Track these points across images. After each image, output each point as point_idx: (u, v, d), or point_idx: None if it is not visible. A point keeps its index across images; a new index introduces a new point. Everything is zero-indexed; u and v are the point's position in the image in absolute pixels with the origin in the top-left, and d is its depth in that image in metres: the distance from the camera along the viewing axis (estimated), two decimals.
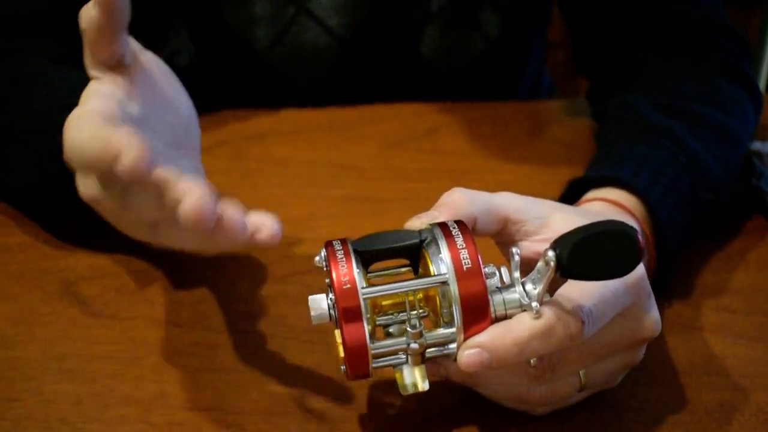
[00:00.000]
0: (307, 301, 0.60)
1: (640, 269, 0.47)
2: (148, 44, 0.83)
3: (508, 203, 0.50)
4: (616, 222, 0.43)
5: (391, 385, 0.53)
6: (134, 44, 0.51)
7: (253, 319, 0.58)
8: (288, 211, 0.71)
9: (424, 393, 0.52)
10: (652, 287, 0.49)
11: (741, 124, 0.69)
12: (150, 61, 0.52)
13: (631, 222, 0.56)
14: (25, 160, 0.62)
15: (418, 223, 0.48)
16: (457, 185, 0.51)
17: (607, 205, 0.57)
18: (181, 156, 0.52)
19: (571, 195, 0.61)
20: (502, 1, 0.87)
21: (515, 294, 0.45)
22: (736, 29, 0.77)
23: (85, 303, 0.60)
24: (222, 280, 0.62)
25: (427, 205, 0.50)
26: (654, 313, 0.49)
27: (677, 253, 0.59)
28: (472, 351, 0.44)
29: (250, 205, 0.70)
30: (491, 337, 0.44)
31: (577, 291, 0.45)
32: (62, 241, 0.66)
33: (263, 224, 0.44)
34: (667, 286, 0.60)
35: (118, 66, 0.49)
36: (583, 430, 0.50)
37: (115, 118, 0.46)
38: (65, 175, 0.57)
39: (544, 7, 0.94)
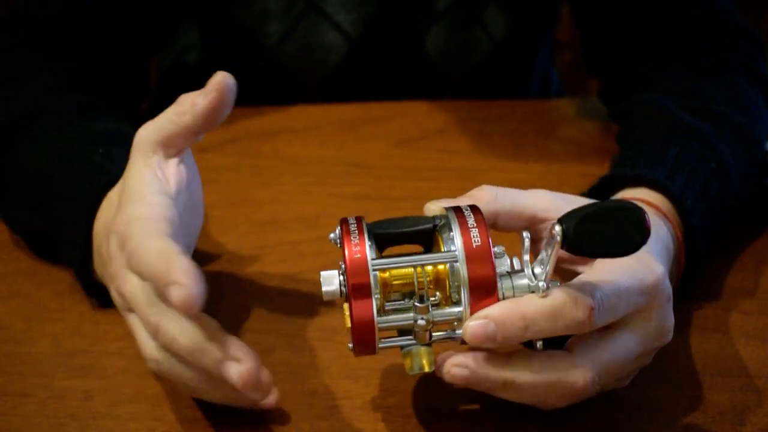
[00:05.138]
0: (316, 298, 0.60)
1: (658, 271, 0.47)
2: (158, 42, 0.84)
3: (537, 202, 0.50)
4: (624, 201, 0.43)
5: (401, 384, 0.52)
6: None
7: (262, 317, 0.58)
8: (298, 208, 0.70)
9: (436, 391, 0.52)
10: (676, 291, 0.49)
11: (762, 127, 0.69)
12: (190, 160, 0.54)
13: (666, 226, 0.56)
14: (16, 204, 0.63)
15: (435, 207, 0.49)
16: (468, 184, 0.52)
17: (644, 206, 0.56)
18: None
19: (601, 190, 0.60)
20: (508, 2, 0.86)
21: (524, 279, 0.45)
22: (751, 30, 0.77)
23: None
24: (231, 277, 0.62)
25: None
26: (671, 319, 0.49)
27: (705, 258, 0.59)
28: (479, 322, 0.44)
29: (260, 203, 0.71)
30: (499, 308, 0.44)
31: (590, 280, 0.45)
32: None
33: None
34: (692, 291, 0.59)
35: (176, 156, 0.51)
36: (593, 430, 0.50)
37: (175, 226, 0.47)
38: (47, 230, 0.60)
39: (551, 8, 0.93)
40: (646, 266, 0.47)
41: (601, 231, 0.42)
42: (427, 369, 0.45)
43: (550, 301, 0.44)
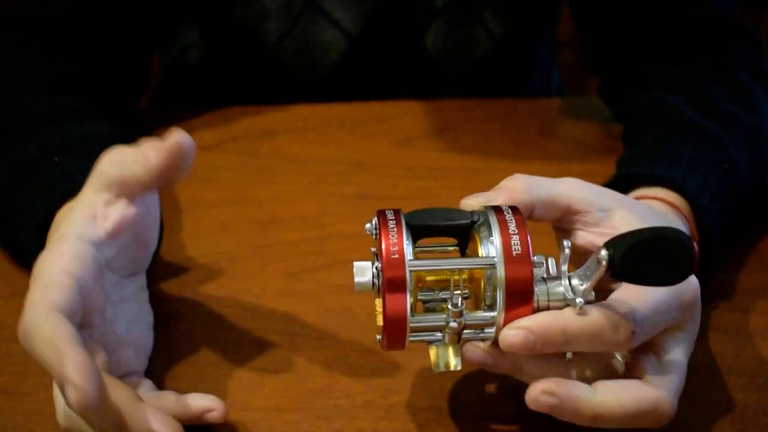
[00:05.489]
0: (316, 297, 0.60)
1: (695, 285, 0.47)
2: (158, 41, 0.84)
3: (571, 192, 0.49)
4: (674, 229, 0.43)
5: (402, 383, 0.52)
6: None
7: (263, 316, 0.58)
8: (298, 208, 0.70)
9: (437, 390, 0.52)
10: None
11: (766, 126, 0.69)
12: (152, 201, 0.51)
13: (686, 226, 0.56)
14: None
15: (472, 202, 0.48)
16: (469, 184, 0.51)
17: (666, 206, 0.56)
18: (131, 282, 0.52)
19: (615, 188, 0.60)
20: (505, 1, 0.86)
21: (560, 287, 0.45)
22: (752, 30, 0.77)
23: None
24: (232, 277, 0.62)
25: (437, 202, 0.49)
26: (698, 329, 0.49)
27: (715, 259, 0.59)
28: (518, 332, 0.44)
29: (261, 202, 0.71)
30: (539, 321, 0.44)
31: (630, 299, 0.45)
32: None
33: (211, 407, 0.48)
34: (703, 291, 0.59)
35: (128, 197, 0.48)
36: (594, 430, 0.50)
37: (83, 281, 0.45)
38: (15, 247, 0.58)
39: (551, 7, 0.93)
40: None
41: (648, 262, 0.42)
42: (452, 368, 0.45)
43: (591, 321, 0.44)
